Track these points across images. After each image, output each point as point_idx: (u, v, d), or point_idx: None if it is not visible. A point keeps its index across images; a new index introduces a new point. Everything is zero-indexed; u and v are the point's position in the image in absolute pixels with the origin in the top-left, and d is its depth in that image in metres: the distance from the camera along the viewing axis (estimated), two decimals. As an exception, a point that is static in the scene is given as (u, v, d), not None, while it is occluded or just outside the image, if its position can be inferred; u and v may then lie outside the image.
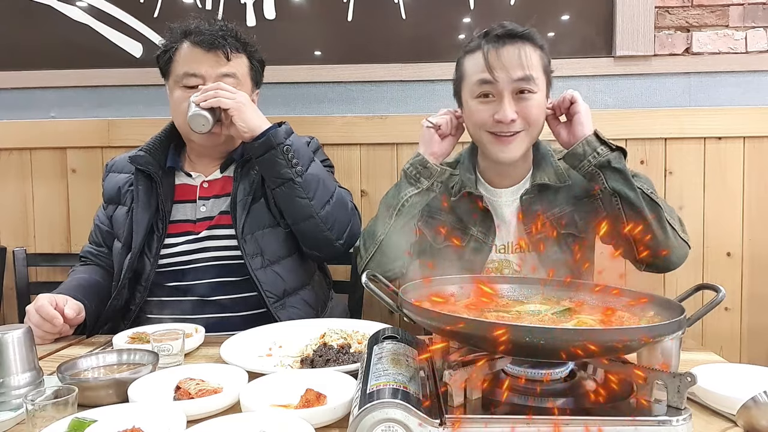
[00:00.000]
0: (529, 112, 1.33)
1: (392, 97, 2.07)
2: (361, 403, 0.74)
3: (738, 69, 2.00)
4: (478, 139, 1.42)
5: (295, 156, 1.44)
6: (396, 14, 2.03)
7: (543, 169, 1.44)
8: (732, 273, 2.03)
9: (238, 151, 1.60)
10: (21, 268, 1.97)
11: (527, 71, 1.31)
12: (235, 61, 1.52)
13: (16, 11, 2.10)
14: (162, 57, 1.55)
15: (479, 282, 1.06)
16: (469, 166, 1.48)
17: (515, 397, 0.80)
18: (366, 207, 2.07)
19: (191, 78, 1.49)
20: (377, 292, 0.91)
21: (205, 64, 1.49)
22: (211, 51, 1.49)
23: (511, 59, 1.31)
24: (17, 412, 0.93)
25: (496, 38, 1.33)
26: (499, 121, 1.32)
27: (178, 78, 1.51)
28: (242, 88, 1.52)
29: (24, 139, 2.11)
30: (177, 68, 1.51)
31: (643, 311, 0.92)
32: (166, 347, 1.12)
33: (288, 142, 1.43)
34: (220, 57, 1.50)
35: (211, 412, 0.90)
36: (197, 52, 1.49)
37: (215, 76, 1.49)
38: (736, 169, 2.02)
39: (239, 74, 1.53)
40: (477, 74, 1.34)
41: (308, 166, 1.47)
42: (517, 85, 1.32)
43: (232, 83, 1.49)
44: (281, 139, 1.43)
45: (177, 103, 1.52)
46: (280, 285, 1.52)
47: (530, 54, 1.32)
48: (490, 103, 1.34)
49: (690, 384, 0.74)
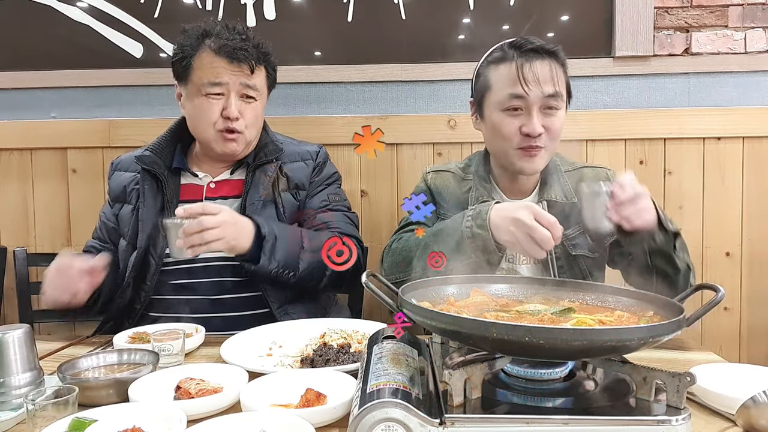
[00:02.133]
0: (554, 128, 1.35)
1: (392, 98, 2.08)
2: (361, 402, 0.74)
3: (737, 69, 2.00)
4: (501, 151, 1.41)
5: (286, 270, 1.44)
6: (396, 14, 2.03)
7: (551, 184, 1.44)
8: (731, 273, 2.04)
9: (251, 155, 1.60)
10: (21, 268, 1.97)
11: (557, 88, 1.33)
12: (258, 72, 1.52)
13: (16, 11, 2.10)
14: (179, 63, 1.52)
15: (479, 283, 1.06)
16: (484, 175, 1.48)
17: (515, 397, 0.80)
18: (366, 207, 2.07)
19: (215, 87, 1.48)
20: (377, 292, 0.91)
21: (229, 74, 1.48)
22: (235, 62, 1.48)
23: (544, 75, 1.32)
24: (17, 412, 0.93)
25: (528, 53, 1.33)
26: (527, 134, 1.33)
27: (200, 86, 1.49)
28: (260, 99, 1.55)
29: (24, 139, 2.11)
30: (199, 76, 1.49)
31: (642, 311, 0.92)
32: (167, 347, 1.12)
33: (274, 266, 1.42)
34: (245, 69, 1.49)
35: (211, 412, 0.90)
36: (221, 62, 1.47)
37: (238, 86, 1.49)
38: (735, 170, 2.02)
39: (259, 86, 1.54)
40: (508, 88, 1.34)
41: (299, 268, 1.46)
42: (546, 101, 1.33)
43: (253, 94, 1.52)
44: (270, 268, 1.41)
45: (199, 111, 1.51)
46: (282, 291, 1.52)
47: (558, 71, 1.35)
48: (518, 116, 1.35)
49: (689, 384, 0.74)
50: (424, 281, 1.02)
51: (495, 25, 2.02)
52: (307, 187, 1.62)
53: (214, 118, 1.49)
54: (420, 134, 2.05)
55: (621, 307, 0.96)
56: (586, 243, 1.42)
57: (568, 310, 0.93)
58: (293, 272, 1.44)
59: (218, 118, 1.49)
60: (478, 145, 1.74)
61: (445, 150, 2.05)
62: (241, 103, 1.50)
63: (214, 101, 1.49)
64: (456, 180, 1.52)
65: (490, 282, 1.08)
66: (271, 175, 1.56)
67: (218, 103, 1.49)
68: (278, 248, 1.41)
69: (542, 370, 0.83)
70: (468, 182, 1.50)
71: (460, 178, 1.52)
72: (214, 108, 1.49)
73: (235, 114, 1.48)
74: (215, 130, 1.50)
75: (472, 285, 1.06)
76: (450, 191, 1.51)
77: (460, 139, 2.03)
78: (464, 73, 2.02)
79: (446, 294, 1.02)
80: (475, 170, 1.51)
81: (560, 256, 1.41)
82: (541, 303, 1.00)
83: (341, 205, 1.66)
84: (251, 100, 1.52)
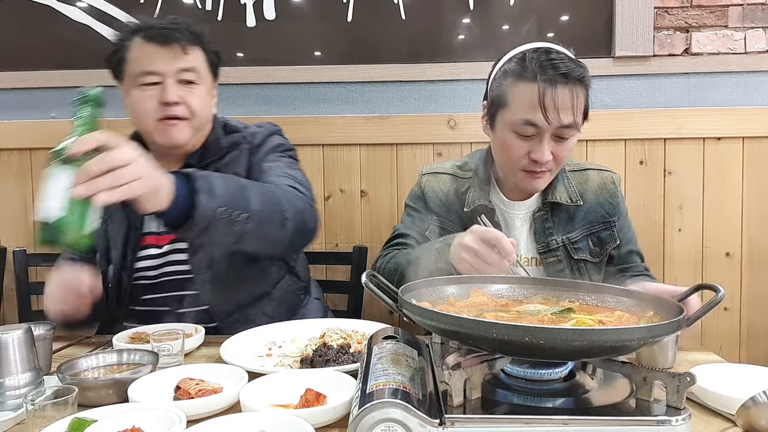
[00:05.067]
0: (563, 155, 1.32)
1: (392, 98, 2.07)
2: (360, 402, 0.74)
3: (737, 69, 2.00)
4: (505, 167, 1.39)
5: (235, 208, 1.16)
6: (396, 14, 2.03)
7: (555, 186, 1.43)
8: (731, 273, 2.04)
9: (196, 154, 1.49)
10: (21, 268, 1.97)
11: (576, 118, 1.28)
12: (192, 54, 1.43)
13: (16, 11, 2.10)
14: (113, 57, 1.44)
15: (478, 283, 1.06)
16: (484, 177, 1.47)
17: (515, 397, 0.80)
18: (366, 207, 2.07)
19: (149, 76, 1.39)
20: (377, 292, 0.91)
21: (162, 60, 1.39)
22: (166, 46, 1.39)
23: (564, 103, 1.25)
24: (17, 412, 0.93)
25: (553, 79, 1.25)
26: (535, 160, 1.30)
27: (134, 77, 1.40)
28: (203, 83, 1.45)
29: (24, 139, 2.11)
30: (132, 67, 1.41)
31: (642, 311, 0.92)
32: (166, 347, 1.12)
33: (217, 204, 1.12)
34: (177, 51, 1.40)
35: (211, 412, 0.90)
36: (151, 49, 1.39)
37: (174, 71, 1.40)
38: (735, 170, 2.02)
39: (199, 68, 1.44)
40: (524, 112, 1.27)
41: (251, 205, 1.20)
42: (560, 130, 1.28)
43: (193, 77, 1.42)
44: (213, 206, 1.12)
45: (137, 104, 1.41)
46: (226, 299, 1.44)
47: (580, 98, 1.28)
48: (528, 140, 1.30)
49: (689, 384, 0.74)
50: (424, 281, 1.02)
51: (495, 25, 2.01)
52: (243, 174, 1.47)
53: (151, 108, 1.39)
54: (420, 134, 2.05)
55: (621, 307, 0.96)
56: (588, 247, 1.42)
57: (568, 310, 0.93)
58: (245, 212, 1.17)
59: (156, 107, 1.39)
60: (478, 144, 1.74)
61: (445, 150, 2.05)
62: (180, 88, 1.41)
63: (150, 91, 1.39)
64: (453, 181, 1.51)
65: (490, 282, 1.08)
66: None
67: (155, 92, 1.39)
68: (216, 185, 1.13)
69: (542, 370, 0.83)
70: (465, 182, 1.48)
71: (457, 178, 1.51)
72: (151, 98, 1.39)
73: (173, 98, 1.38)
74: (154, 120, 1.40)
75: (472, 285, 1.06)
76: (445, 193, 1.50)
77: (460, 139, 2.03)
78: (464, 73, 2.02)
79: (446, 294, 1.02)
80: (475, 170, 1.49)
81: (562, 259, 1.41)
82: (541, 303, 1.00)
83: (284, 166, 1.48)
84: (192, 84, 1.42)
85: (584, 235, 1.42)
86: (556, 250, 1.40)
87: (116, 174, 0.95)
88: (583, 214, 1.43)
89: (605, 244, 1.43)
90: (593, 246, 1.42)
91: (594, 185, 1.46)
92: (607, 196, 1.45)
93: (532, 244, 1.43)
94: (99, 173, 0.94)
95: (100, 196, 0.93)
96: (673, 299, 0.90)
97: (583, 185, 1.45)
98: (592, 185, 1.46)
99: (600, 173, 1.49)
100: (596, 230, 1.43)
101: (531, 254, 1.44)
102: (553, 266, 1.41)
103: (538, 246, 1.42)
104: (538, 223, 1.42)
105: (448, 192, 1.50)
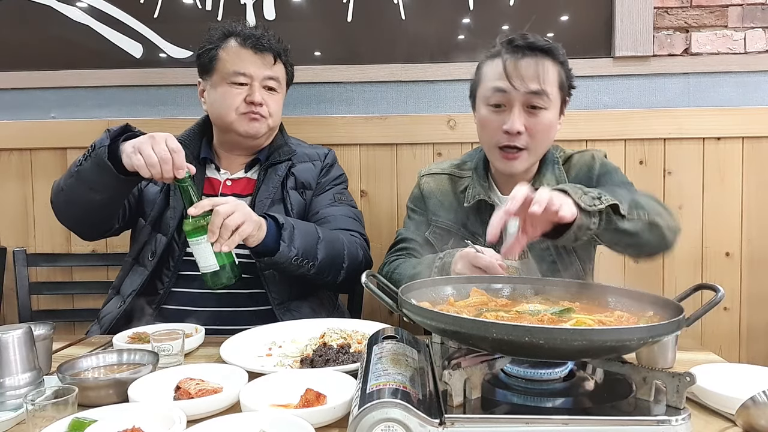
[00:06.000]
0: (537, 129, 1.33)
1: (392, 98, 2.07)
2: (360, 402, 0.74)
3: (737, 69, 2.00)
4: (485, 147, 1.43)
5: (306, 258, 1.43)
6: (396, 14, 2.03)
7: (543, 174, 1.44)
8: (731, 273, 2.04)
9: (264, 151, 1.65)
10: (21, 268, 1.97)
11: (542, 85, 1.31)
12: (278, 65, 1.60)
13: (16, 11, 2.09)
14: (205, 54, 1.58)
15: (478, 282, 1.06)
16: (482, 174, 1.48)
17: (515, 397, 0.80)
18: (366, 207, 2.07)
19: (240, 76, 1.54)
20: (377, 292, 0.91)
21: (254, 65, 1.55)
22: (260, 53, 1.55)
23: (529, 71, 1.31)
24: (17, 412, 0.93)
25: (516, 48, 1.32)
26: (507, 131, 1.32)
27: (226, 75, 1.55)
28: (281, 92, 1.62)
29: (24, 139, 2.11)
30: (225, 66, 1.55)
31: (642, 311, 0.92)
32: (166, 347, 1.12)
33: (294, 253, 1.40)
34: (268, 59, 1.56)
35: (211, 412, 0.90)
36: (247, 53, 1.55)
37: (262, 77, 1.56)
38: (734, 170, 2.02)
39: (281, 78, 1.61)
40: (492, 81, 1.35)
41: (318, 258, 1.45)
42: (529, 98, 1.32)
43: (275, 85, 1.59)
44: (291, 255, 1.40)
45: (223, 97, 1.56)
46: (286, 289, 1.53)
47: (548, 68, 1.32)
48: (501, 113, 1.35)
49: (689, 384, 0.74)
50: (424, 281, 1.02)
51: (495, 25, 2.01)
52: (314, 187, 1.66)
53: (237, 104, 1.55)
54: (420, 134, 2.05)
55: (621, 307, 0.96)
56: None
57: (567, 310, 0.93)
58: (312, 261, 1.44)
59: (241, 104, 1.55)
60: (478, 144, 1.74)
61: (444, 150, 2.05)
62: (264, 92, 1.57)
63: (237, 90, 1.55)
64: (451, 181, 1.53)
65: (490, 282, 1.08)
66: (281, 174, 1.61)
67: (242, 92, 1.55)
68: (296, 236, 1.42)
69: (542, 370, 0.83)
70: (464, 180, 1.50)
71: (456, 177, 1.53)
72: (238, 95, 1.55)
73: (259, 100, 1.54)
74: (238, 114, 1.55)
75: (472, 285, 1.06)
76: (444, 193, 1.52)
77: (460, 139, 2.03)
78: (464, 73, 2.02)
79: (446, 294, 1.02)
80: (474, 167, 1.51)
81: (549, 246, 1.40)
82: (541, 303, 1.00)
83: (347, 204, 1.69)
84: (273, 91, 1.59)
85: None
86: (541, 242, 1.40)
87: (227, 224, 1.26)
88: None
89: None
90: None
91: (577, 167, 1.46)
92: (586, 171, 1.45)
93: None
94: (218, 229, 1.25)
95: (226, 245, 1.27)
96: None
97: (569, 171, 1.46)
98: (575, 168, 1.46)
99: (581, 154, 1.49)
100: None
101: None
102: (538, 247, 1.39)
103: None
104: None
105: (447, 191, 1.52)
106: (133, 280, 1.56)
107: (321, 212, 1.62)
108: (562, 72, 1.37)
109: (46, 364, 1.13)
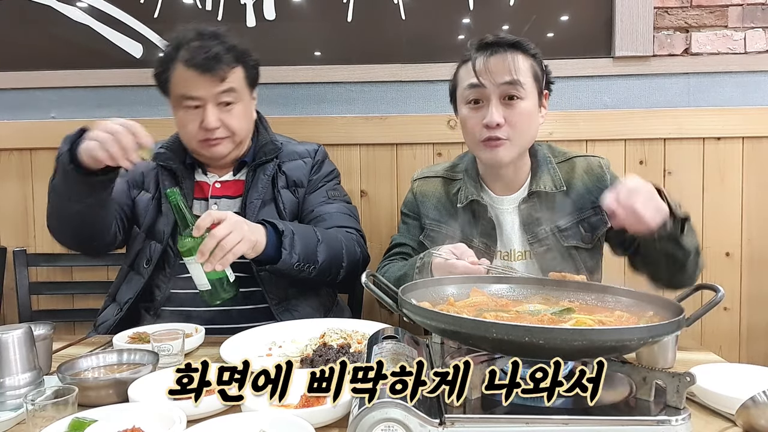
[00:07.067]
0: (516, 119, 1.35)
1: (392, 98, 2.07)
2: (360, 402, 0.74)
3: (737, 69, 2.00)
4: (470, 146, 1.44)
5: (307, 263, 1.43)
6: (396, 14, 2.03)
7: (540, 176, 1.44)
8: (731, 273, 2.04)
9: (249, 153, 1.63)
10: (21, 268, 1.97)
11: (514, 76, 1.33)
12: (231, 76, 1.50)
13: (16, 11, 2.09)
14: (158, 78, 1.54)
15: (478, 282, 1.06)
16: (473, 174, 1.49)
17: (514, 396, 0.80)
18: (366, 207, 2.07)
19: (190, 100, 1.49)
20: (377, 292, 0.92)
21: (202, 86, 1.47)
22: (206, 74, 1.46)
23: (498, 65, 1.34)
24: (17, 412, 0.93)
25: (485, 46, 1.36)
26: (487, 125, 1.34)
27: (178, 99, 1.50)
28: (241, 100, 1.53)
29: (24, 139, 2.11)
30: (175, 89, 1.50)
31: (642, 311, 0.92)
32: (166, 347, 1.12)
33: (295, 260, 1.41)
34: (216, 78, 1.47)
35: (211, 412, 0.90)
36: (192, 75, 1.46)
37: (213, 95, 1.48)
38: (735, 170, 2.02)
39: (236, 87, 1.52)
40: (467, 80, 1.37)
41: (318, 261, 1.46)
42: (503, 89, 1.34)
43: (231, 98, 1.50)
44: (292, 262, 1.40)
45: (181, 123, 1.53)
46: (283, 288, 1.53)
47: (519, 60, 1.35)
48: (480, 109, 1.37)
49: (689, 384, 0.74)
50: (424, 281, 1.02)
51: (495, 25, 2.01)
52: (306, 185, 1.64)
53: (194, 131, 1.50)
54: (420, 134, 2.05)
55: (621, 307, 0.96)
56: (579, 234, 1.42)
57: (567, 310, 0.93)
58: (314, 265, 1.44)
59: (198, 130, 1.50)
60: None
61: (444, 150, 2.05)
62: (219, 110, 1.49)
63: (192, 113, 1.49)
64: (444, 184, 1.54)
65: (489, 282, 1.09)
66: (270, 174, 1.59)
67: (197, 115, 1.49)
68: (297, 242, 1.41)
69: (542, 370, 0.83)
70: (456, 183, 1.51)
71: (448, 180, 1.54)
72: (193, 120, 1.49)
73: (213, 125, 1.48)
74: (197, 141, 1.52)
75: (471, 285, 1.06)
76: (437, 196, 1.53)
77: (460, 139, 1.99)
78: (464, 73, 2.02)
79: (446, 294, 1.02)
80: (465, 168, 1.52)
81: (552, 248, 1.40)
82: (541, 303, 1.00)
83: (341, 200, 1.67)
84: (230, 105, 1.51)
85: (575, 222, 1.43)
86: (545, 239, 1.41)
87: (222, 245, 1.25)
88: (572, 202, 1.43)
89: (596, 229, 1.43)
90: (584, 232, 1.43)
91: (581, 171, 1.46)
92: (595, 180, 1.45)
93: (523, 236, 1.43)
94: (212, 249, 1.24)
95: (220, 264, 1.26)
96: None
97: (569, 173, 1.46)
98: (579, 172, 1.46)
99: (586, 159, 1.49)
100: (586, 216, 1.43)
101: (524, 248, 1.44)
102: (544, 256, 1.40)
103: (528, 237, 1.42)
104: (525, 214, 1.43)
105: (441, 194, 1.53)
106: (129, 288, 1.55)
107: (315, 210, 1.61)
108: (535, 64, 1.39)
109: (46, 364, 1.13)
